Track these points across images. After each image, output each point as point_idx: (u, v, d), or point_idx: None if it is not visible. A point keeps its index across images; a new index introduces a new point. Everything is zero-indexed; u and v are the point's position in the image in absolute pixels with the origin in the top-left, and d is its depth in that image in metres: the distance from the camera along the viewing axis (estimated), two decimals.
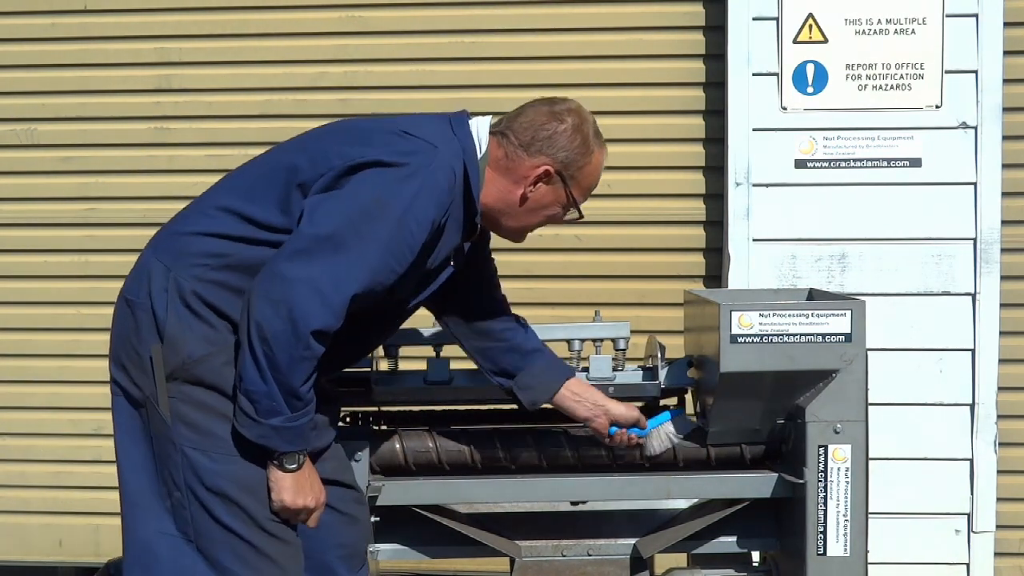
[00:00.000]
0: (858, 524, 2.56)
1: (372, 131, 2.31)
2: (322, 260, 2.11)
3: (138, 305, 2.25)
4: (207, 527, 2.22)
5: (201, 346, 2.21)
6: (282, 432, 2.16)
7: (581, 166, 2.39)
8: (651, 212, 4.03)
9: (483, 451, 2.72)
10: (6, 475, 4.21)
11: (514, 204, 2.39)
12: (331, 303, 2.11)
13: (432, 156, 2.23)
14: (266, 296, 2.10)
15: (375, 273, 2.16)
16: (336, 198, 2.17)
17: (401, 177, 2.18)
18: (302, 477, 2.24)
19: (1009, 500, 3.94)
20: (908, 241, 3.84)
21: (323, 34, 4.07)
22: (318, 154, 2.26)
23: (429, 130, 2.30)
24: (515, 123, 2.37)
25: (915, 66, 3.82)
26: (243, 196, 2.27)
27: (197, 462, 2.21)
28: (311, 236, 2.13)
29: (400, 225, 2.16)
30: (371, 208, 2.15)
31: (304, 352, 2.11)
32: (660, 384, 2.77)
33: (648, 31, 4.01)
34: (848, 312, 2.51)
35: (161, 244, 2.30)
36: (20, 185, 4.16)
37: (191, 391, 2.21)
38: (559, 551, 2.79)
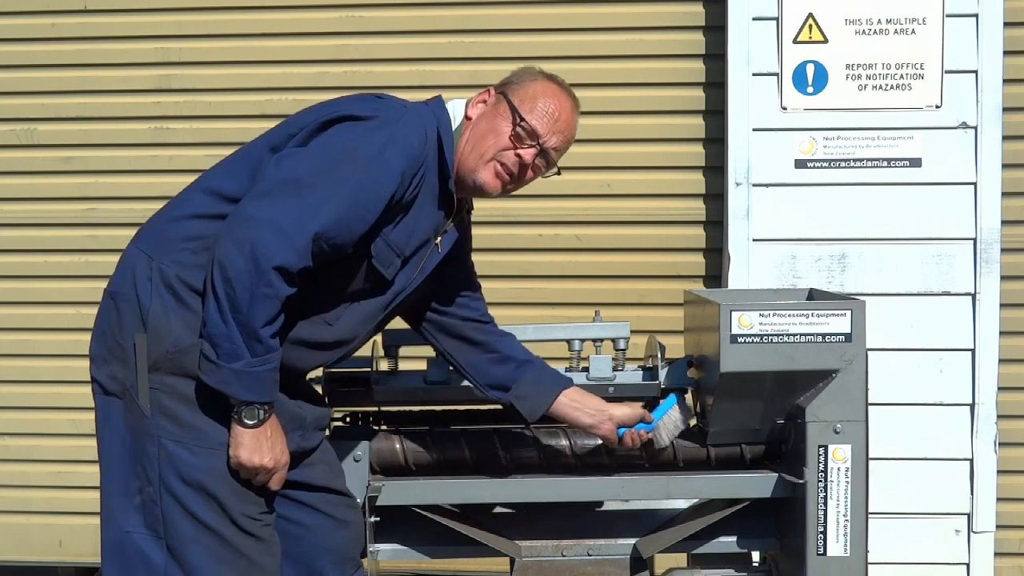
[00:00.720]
0: (858, 524, 2.56)
1: (345, 99, 2.35)
2: (286, 200, 2.13)
3: (122, 296, 2.24)
4: (179, 523, 2.20)
5: (185, 334, 2.19)
6: (242, 377, 2.14)
7: (524, 83, 2.43)
8: (651, 212, 4.03)
9: (483, 451, 2.72)
10: (6, 475, 4.21)
11: (469, 138, 2.38)
12: (293, 240, 2.11)
13: (402, 113, 2.28)
14: (229, 236, 2.11)
15: (340, 214, 2.16)
16: (304, 147, 2.22)
17: (370, 127, 2.23)
18: (262, 434, 2.20)
19: (1009, 500, 3.94)
20: (908, 241, 3.84)
21: (323, 34, 4.07)
22: (291, 124, 2.30)
23: (403, 101, 2.37)
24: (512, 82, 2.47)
25: (915, 66, 3.82)
26: (219, 176, 2.30)
27: (176, 455, 2.19)
28: (277, 179, 2.15)
29: (367, 170, 2.18)
30: (338, 154, 2.18)
31: (265, 289, 2.09)
32: (660, 384, 2.77)
33: (648, 31, 4.01)
34: (848, 312, 2.51)
35: (142, 236, 2.31)
36: (20, 185, 4.16)
37: (174, 382, 2.20)
38: (559, 551, 2.79)
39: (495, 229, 4.06)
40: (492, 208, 4.04)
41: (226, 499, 2.22)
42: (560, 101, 2.43)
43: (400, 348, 2.79)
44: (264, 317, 2.12)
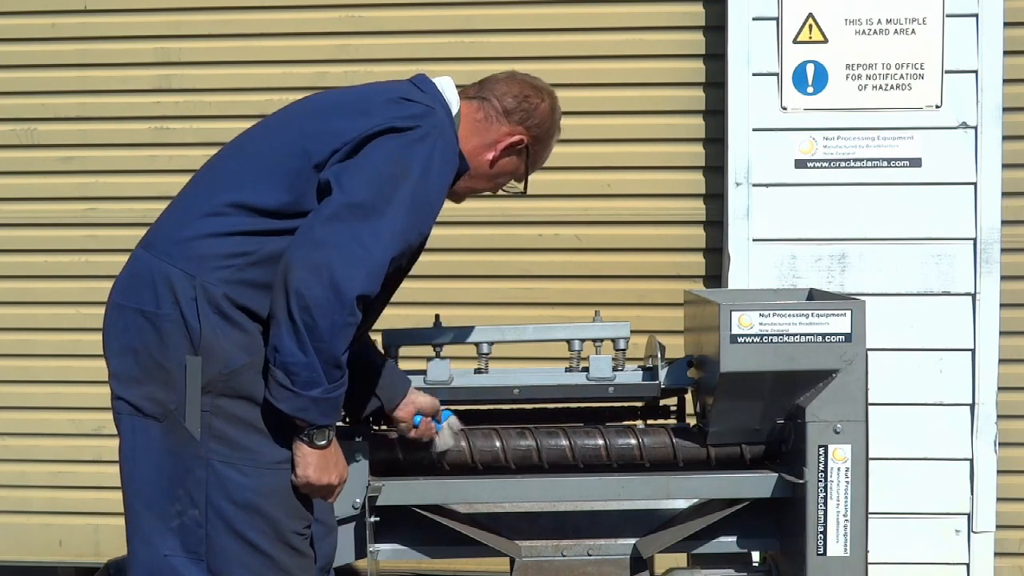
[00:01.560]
0: (858, 524, 2.56)
1: (365, 102, 2.33)
2: (356, 225, 2.11)
3: (163, 317, 2.18)
4: (225, 544, 2.19)
5: (238, 355, 2.17)
6: (320, 404, 2.14)
7: (544, 145, 2.53)
8: (651, 212, 4.03)
9: (483, 451, 2.72)
10: (6, 475, 4.21)
11: (480, 166, 2.46)
12: (371, 267, 2.10)
13: (435, 119, 2.30)
14: (304, 263, 2.07)
15: (405, 235, 2.18)
16: (358, 165, 2.19)
17: (415, 139, 2.24)
18: (329, 454, 2.22)
19: (1009, 500, 3.94)
20: (908, 241, 3.84)
21: (323, 34, 4.07)
22: (325, 133, 2.25)
23: (416, 94, 2.36)
24: (498, 89, 2.48)
25: (915, 66, 3.82)
26: (249, 188, 2.23)
27: (227, 477, 2.18)
28: (341, 203, 2.13)
29: (421, 185, 2.20)
30: (393, 172, 2.18)
31: (348, 318, 2.08)
32: (660, 384, 2.77)
33: (648, 31, 4.01)
34: (848, 312, 2.51)
35: (171, 251, 2.21)
36: (20, 185, 4.16)
37: (225, 404, 2.17)
38: (559, 551, 2.79)
39: (495, 229, 4.07)
40: (492, 208, 4.05)
41: (278, 517, 2.22)
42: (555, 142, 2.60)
43: (400, 348, 2.79)
44: (344, 345, 2.11)
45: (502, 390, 2.77)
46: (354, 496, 2.64)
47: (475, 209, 4.05)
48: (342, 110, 2.32)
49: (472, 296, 4.05)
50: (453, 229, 4.06)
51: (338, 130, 2.24)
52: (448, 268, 4.06)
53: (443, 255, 4.04)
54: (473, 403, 2.84)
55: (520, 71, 2.58)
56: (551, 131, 2.52)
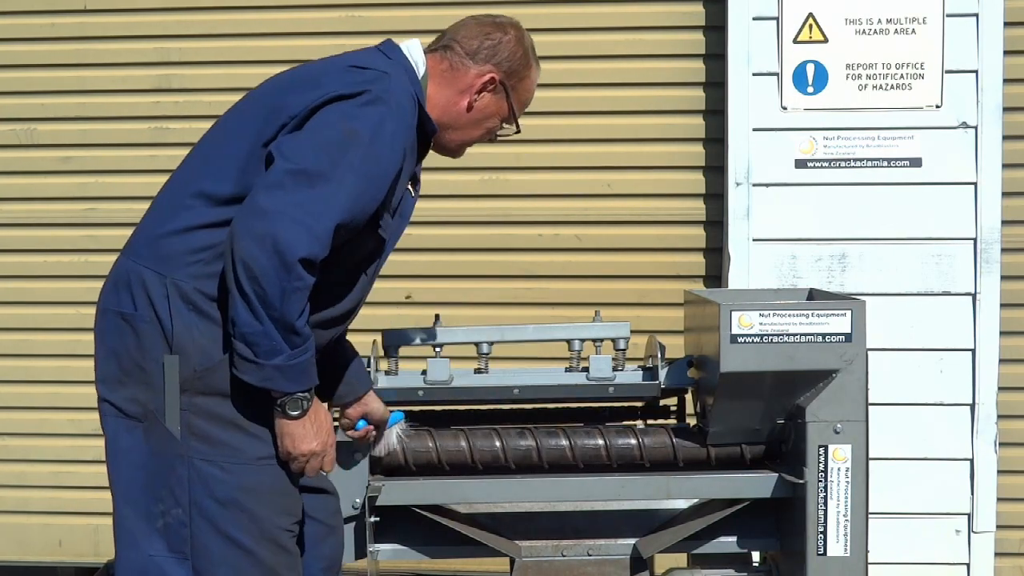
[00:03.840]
0: (858, 524, 2.56)
1: (319, 73, 2.29)
2: (300, 191, 2.08)
3: (139, 318, 2.19)
4: (209, 543, 2.19)
5: (213, 351, 2.17)
6: (285, 371, 2.13)
7: (522, 77, 2.44)
8: (651, 212, 4.03)
9: (483, 451, 2.72)
10: (6, 475, 4.20)
11: (460, 115, 2.41)
12: (315, 231, 2.08)
13: (388, 82, 2.24)
14: (248, 232, 2.06)
15: (355, 200, 2.14)
16: (304, 133, 2.16)
17: (363, 102, 2.18)
18: (306, 422, 2.20)
19: (1009, 500, 3.94)
20: (908, 241, 3.84)
21: (323, 34, 4.06)
22: (274, 111, 2.22)
23: (373, 61, 2.30)
24: (459, 34, 2.42)
25: (915, 66, 3.82)
26: (208, 177, 2.23)
27: (209, 474, 2.18)
28: (285, 171, 2.10)
29: (371, 149, 2.16)
30: (341, 137, 2.14)
31: (296, 283, 2.06)
32: (660, 384, 2.77)
33: (648, 31, 4.01)
34: (848, 312, 2.51)
35: (143, 251, 2.23)
36: (20, 185, 4.16)
37: (203, 402, 2.18)
38: (559, 551, 2.79)
39: (495, 229, 4.07)
40: (492, 208, 4.06)
41: (260, 513, 2.21)
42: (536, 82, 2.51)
43: (400, 348, 2.79)
44: (298, 309, 2.09)
45: (502, 390, 2.77)
46: (354, 496, 2.64)
47: (475, 209, 4.07)
48: (295, 85, 2.28)
49: (472, 296, 4.05)
50: (453, 229, 4.07)
51: (287, 105, 2.21)
52: (448, 268, 4.06)
53: (443, 255, 4.05)
54: (473, 403, 2.84)
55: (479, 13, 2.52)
56: (525, 61, 2.42)
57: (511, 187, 4.05)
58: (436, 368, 2.76)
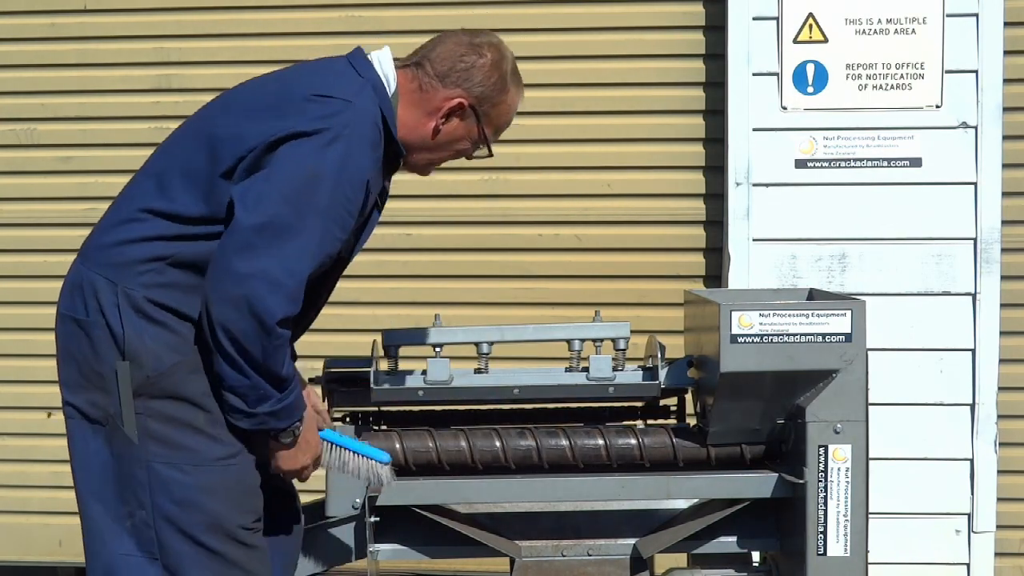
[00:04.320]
0: (858, 524, 2.56)
1: (280, 101, 2.23)
2: (269, 249, 2.09)
3: (90, 324, 2.20)
4: (175, 545, 2.20)
5: (166, 356, 2.18)
6: (276, 414, 2.18)
7: (496, 103, 2.34)
8: (651, 212, 4.03)
9: (483, 451, 2.72)
10: (6, 475, 4.21)
11: (426, 137, 2.34)
12: (288, 290, 2.10)
13: (350, 113, 2.18)
14: (224, 298, 2.09)
15: (322, 247, 2.15)
16: (265, 180, 2.12)
17: (324, 143, 2.14)
18: (298, 444, 2.27)
19: (1009, 500, 3.94)
20: (908, 241, 3.84)
21: (323, 34, 4.06)
22: (232, 138, 2.19)
23: (338, 85, 2.24)
24: (432, 53, 2.33)
25: (915, 66, 3.82)
26: (163, 195, 2.22)
27: (168, 477, 2.19)
28: (251, 227, 2.09)
29: (335, 192, 2.14)
30: (304, 183, 2.12)
31: (276, 342, 2.11)
32: (660, 384, 2.77)
33: (648, 31, 4.01)
34: (848, 312, 2.51)
35: (96, 258, 2.24)
36: (20, 185, 4.16)
37: (159, 405, 2.19)
38: (559, 551, 2.79)
39: (495, 229, 4.07)
40: (492, 208, 4.06)
41: (222, 513, 2.22)
42: (517, 107, 2.42)
43: (400, 348, 2.79)
44: (281, 361, 2.14)
45: (502, 390, 2.77)
46: (354, 496, 2.64)
47: (475, 209, 4.07)
48: (254, 109, 2.24)
49: (472, 296, 4.05)
50: (453, 229, 4.07)
51: (245, 134, 2.17)
52: (448, 268, 4.06)
53: (443, 255, 4.05)
54: (473, 403, 2.84)
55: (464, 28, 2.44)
56: (500, 87, 2.33)
57: (511, 187, 4.05)
58: (436, 368, 2.76)
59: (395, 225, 3.96)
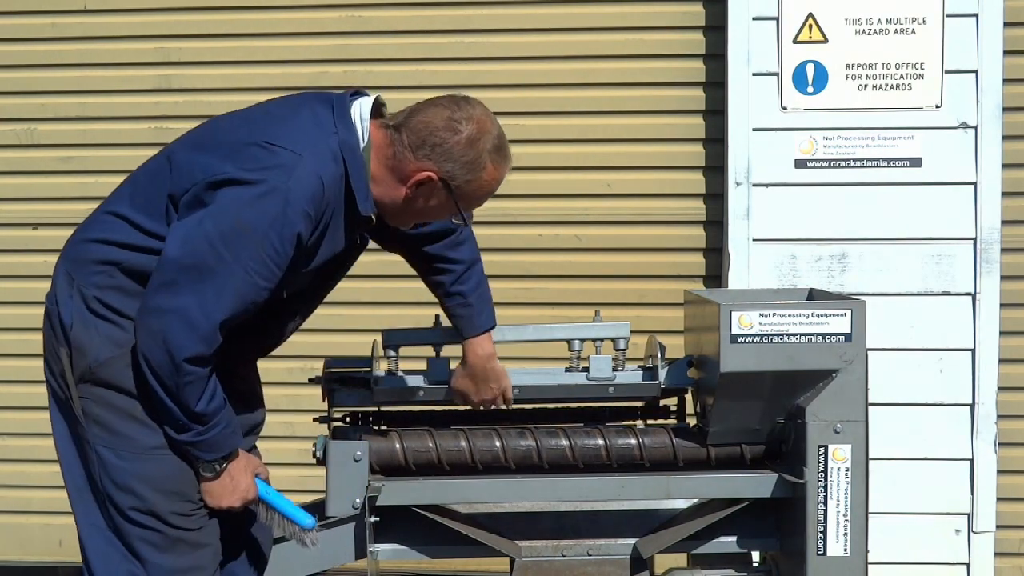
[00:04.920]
0: (858, 524, 2.56)
1: (234, 141, 2.24)
2: (188, 289, 2.15)
3: (49, 312, 2.32)
4: (120, 522, 2.29)
5: (107, 348, 2.25)
6: (197, 444, 2.24)
7: (469, 180, 2.29)
8: (651, 212, 4.03)
9: (483, 451, 2.72)
10: (6, 475, 4.21)
11: (397, 203, 2.32)
12: (201, 331, 2.15)
13: (292, 169, 2.16)
14: (145, 329, 2.17)
15: (242, 296, 2.18)
16: (198, 222, 2.17)
17: (258, 195, 2.15)
18: (222, 484, 2.31)
19: (1009, 500, 3.94)
20: (908, 241, 3.84)
21: (323, 34, 4.07)
22: (185, 165, 2.25)
23: (296, 135, 2.22)
24: (412, 120, 2.27)
25: (915, 66, 3.82)
26: (132, 202, 2.30)
27: (107, 460, 2.27)
28: (177, 266, 2.16)
29: (261, 244, 2.15)
30: (230, 231, 2.15)
31: (187, 378, 2.16)
32: (660, 384, 2.77)
33: (648, 31, 4.01)
34: (848, 312, 2.51)
35: (67, 250, 2.35)
36: (20, 185, 4.16)
37: (100, 392, 2.27)
38: (559, 551, 2.79)
39: (495, 229, 4.05)
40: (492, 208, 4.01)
41: (154, 501, 2.28)
42: (500, 180, 2.37)
43: (400, 348, 2.79)
44: (195, 397, 2.19)
45: None
46: (354, 496, 2.64)
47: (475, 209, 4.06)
48: (210, 144, 2.27)
49: None
50: None
51: (193, 168, 2.23)
52: None
53: None
54: None
55: (453, 95, 2.33)
56: (476, 164, 2.26)
57: (511, 187, 3.99)
58: (436, 368, 2.76)
59: None
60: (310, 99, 2.35)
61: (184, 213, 2.21)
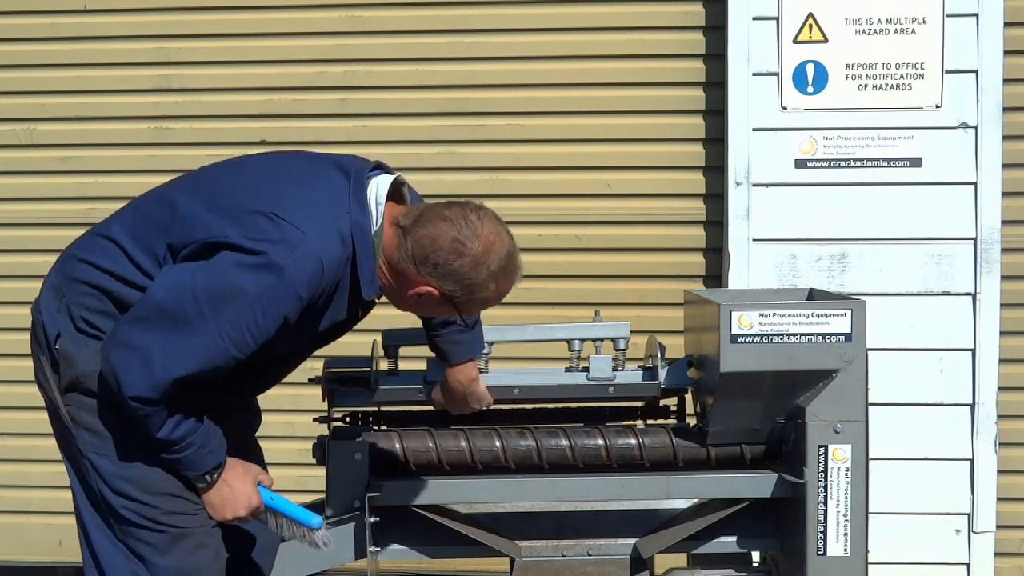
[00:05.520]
0: (858, 524, 2.56)
1: (241, 203, 2.19)
2: (159, 333, 2.12)
3: (34, 320, 2.36)
4: (118, 524, 2.29)
5: (95, 361, 2.22)
6: (176, 463, 2.24)
7: (472, 297, 2.23)
8: (651, 212, 4.03)
9: (483, 451, 2.72)
10: (6, 475, 4.20)
11: (401, 297, 2.29)
12: (155, 378, 2.12)
13: (294, 248, 2.11)
14: (106, 355, 2.17)
15: (210, 356, 2.14)
16: (189, 272, 2.14)
17: (255, 265, 2.11)
18: (223, 489, 2.30)
19: (1009, 500, 3.94)
20: (908, 241, 3.84)
21: (322, 34, 4.07)
22: (190, 219, 2.20)
23: (307, 208, 2.16)
24: (418, 231, 2.19)
25: (915, 66, 3.82)
26: (132, 235, 2.25)
27: (100, 466, 2.26)
28: (156, 307, 2.13)
29: (243, 315, 2.11)
30: (219, 293, 2.10)
31: (138, 412, 2.15)
32: (660, 384, 2.77)
33: (648, 31, 4.01)
34: (848, 312, 2.51)
35: (61, 265, 2.34)
36: (20, 185, 4.16)
37: (88, 401, 2.26)
38: (559, 551, 2.79)
39: None
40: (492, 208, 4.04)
41: (153, 502, 2.27)
42: (506, 293, 2.29)
43: (400, 348, 2.79)
44: (155, 426, 2.18)
45: (502, 390, 2.77)
46: (354, 496, 2.64)
47: None
48: (224, 204, 2.20)
49: None
50: None
51: (200, 225, 2.18)
52: None
53: None
54: None
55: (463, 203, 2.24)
56: (478, 286, 2.20)
57: (511, 187, 4.05)
58: (436, 368, 2.76)
59: None
60: (327, 164, 2.29)
61: (174, 266, 2.19)
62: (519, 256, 2.27)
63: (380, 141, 4.05)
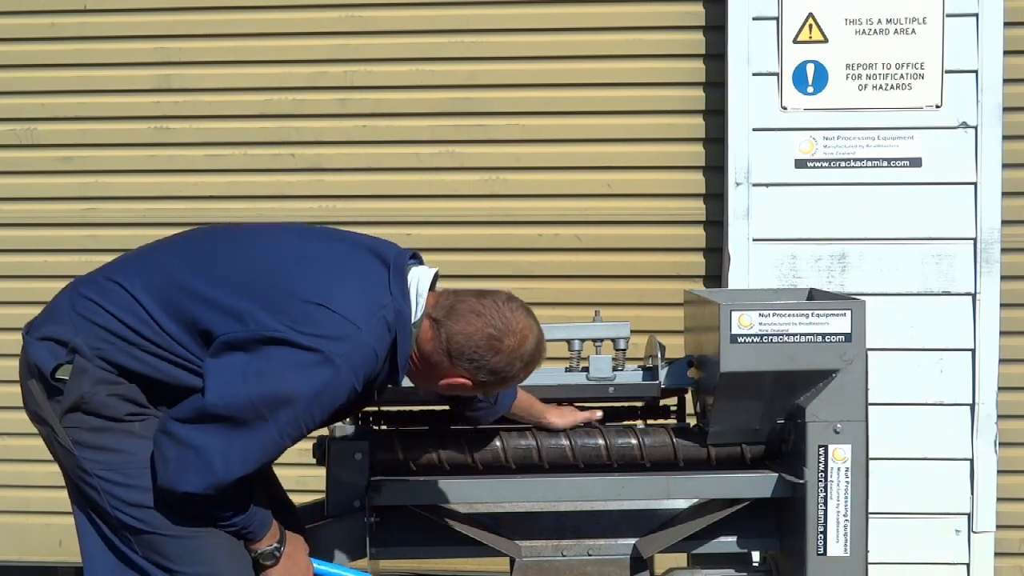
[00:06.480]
0: (858, 524, 2.55)
1: (288, 293, 2.15)
2: (217, 433, 2.10)
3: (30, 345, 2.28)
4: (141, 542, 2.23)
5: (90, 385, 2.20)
6: (241, 531, 2.25)
7: (501, 383, 2.30)
8: (651, 212, 4.03)
9: (483, 451, 2.71)
10: (6, 475, 4.20)
11: (428, 382, 2.33)
12: (216, 478, 2.11)
13: (351, 342, 2.11)
14: (160, 449, 2.14)
15: (267, 453, 2.15)
16: (241, 376, 2.09)
17: (312, 363, 2.08)
18: (287, 568, 2.33)
19: (1009, 500, 3.94)
20: (908, 241, 3.84)
21: (322, 34, 4.07)
22: (229, 307, 2.14)
23: (355, 297, 2.16)
24: (452, 326, 2.23)
25: (915, 66, 3.82)
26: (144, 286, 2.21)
27: (110, 479, 2.21)
28: (212, 413, 2.09)
29: (302, 414, 2.12)
30: (275, 397, 2.08)
31: (189, 503, 2.15)
32: (660, 384, 2.77)
33: (648, 31, 4.01)
34: (848, 312, 2.51)
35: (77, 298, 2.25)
36: (20, 185, 4.16)
37: (91, 420, 2.21)
38: (559, 551, 2.79)
39: (495, 229, 4.06)
40: (492, 208, 4.05)
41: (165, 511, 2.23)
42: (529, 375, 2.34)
43: None
44: (217, 513, 2.20)
45: None
46: (354, 496, 2.64)
47: (475, 209, 4.07)
48: (254, 287, 2.16)
49: None
50: (453, 229, 4.07)
51: (239, 313, 2.13)
52: (448, 268, 4.03)
53: (443, 255, 4.04)
54: None
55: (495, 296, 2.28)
56: (510, 376, 2.26)
57: (511, 187, 4.06)
58: None
59: (395, 225, 3.97)
60: (360, 249, 2.28)
61: (221, 351, 2.12)
62: (544, 340, 2.32)
63: (380, 141, 4.06)
